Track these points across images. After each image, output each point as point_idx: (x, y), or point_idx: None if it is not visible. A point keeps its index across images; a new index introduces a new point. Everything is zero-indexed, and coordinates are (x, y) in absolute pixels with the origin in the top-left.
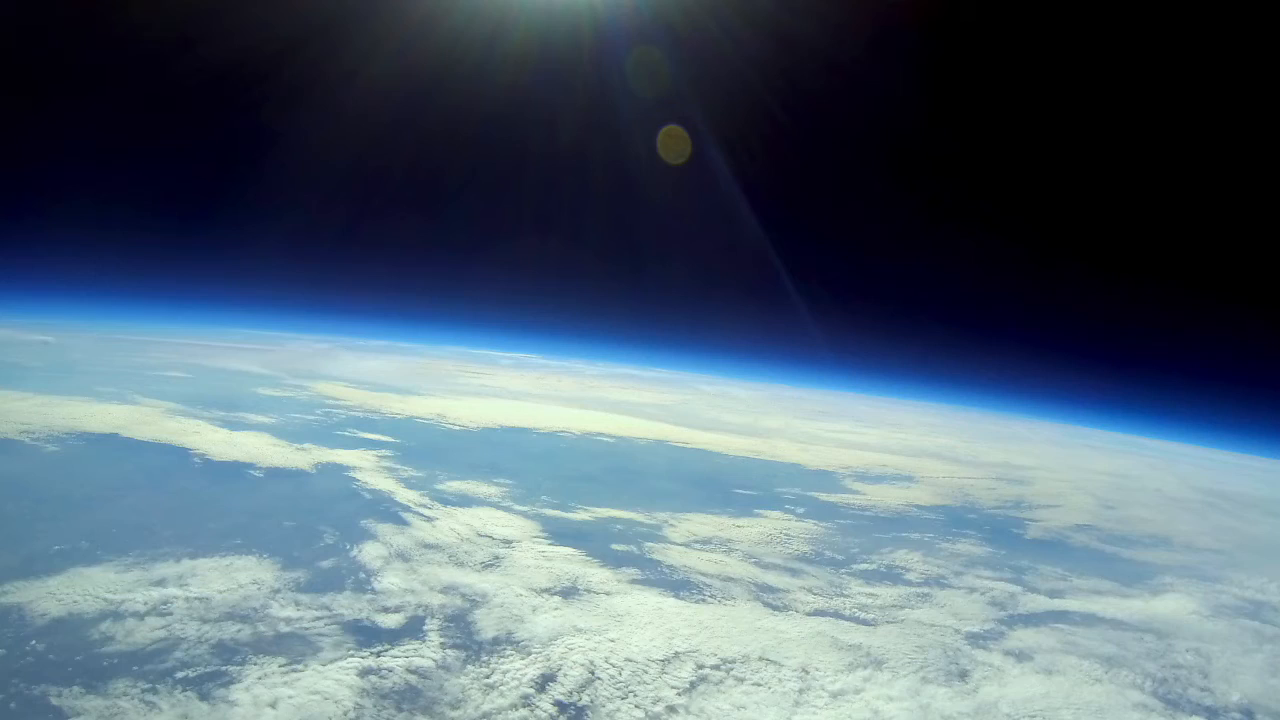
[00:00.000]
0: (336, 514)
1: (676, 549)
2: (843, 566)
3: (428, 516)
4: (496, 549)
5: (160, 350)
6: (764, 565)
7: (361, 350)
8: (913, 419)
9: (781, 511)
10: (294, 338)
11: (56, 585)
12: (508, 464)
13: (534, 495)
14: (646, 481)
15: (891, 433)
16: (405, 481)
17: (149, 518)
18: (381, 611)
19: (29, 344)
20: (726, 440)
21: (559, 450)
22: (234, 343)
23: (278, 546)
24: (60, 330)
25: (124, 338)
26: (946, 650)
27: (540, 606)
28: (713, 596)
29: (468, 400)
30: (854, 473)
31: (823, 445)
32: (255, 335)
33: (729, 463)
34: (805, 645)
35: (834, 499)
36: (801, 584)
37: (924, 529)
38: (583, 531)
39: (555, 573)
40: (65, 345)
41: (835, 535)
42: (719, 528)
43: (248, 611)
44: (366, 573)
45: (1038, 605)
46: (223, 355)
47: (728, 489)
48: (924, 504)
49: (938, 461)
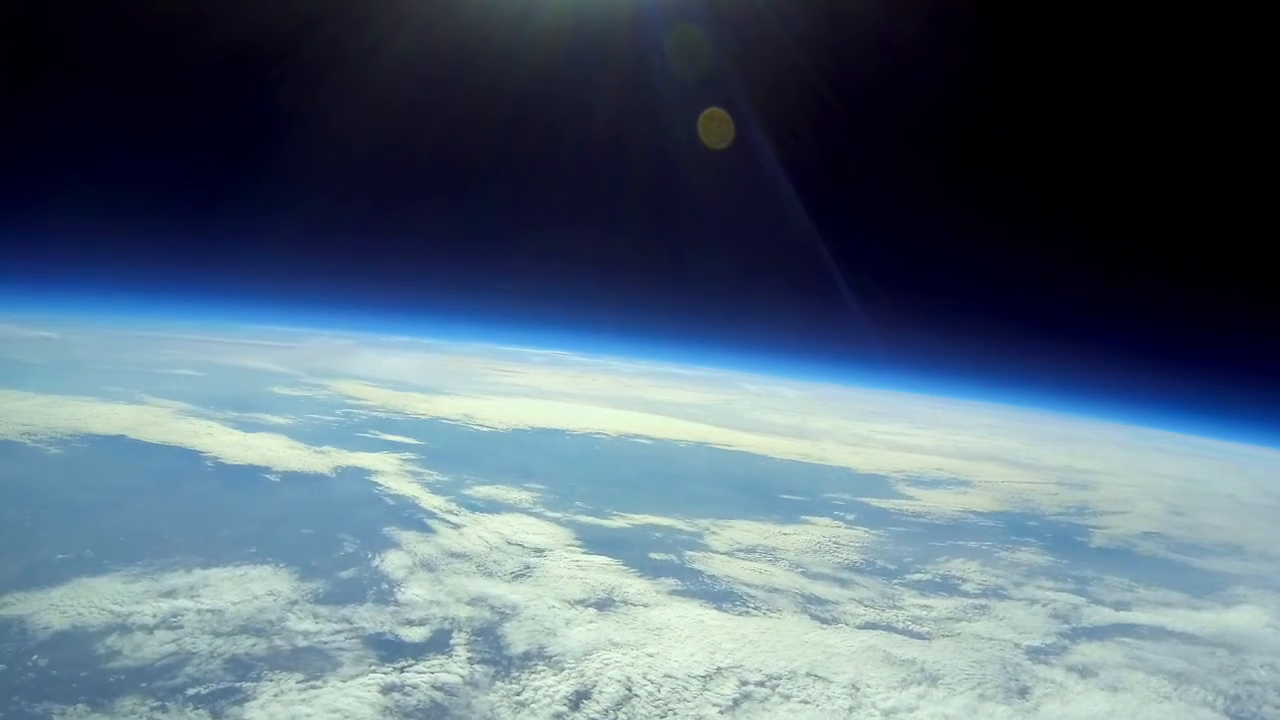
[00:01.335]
0: (357, 521)
1: (719, 558)
2: (895, 577)
3: (454, 523)
4: (527, 558)
5: (170, 347)
6: (812, 575)
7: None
8: (970, 420)
9: (830, 518)
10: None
11: (60, 596)
12: (539, 468)
13: (567, 501)
14: (687, 486)
15: (947, 434)
16: (430, 486)
17: (158, 525)
18: (405, 624)
19: (30, 340)
20: (772, 442)
21: (594, 453)
22: (248, 339)
23: (295, 555)
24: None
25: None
26: (1006, 666)
27: (574, 619)
28: (757, 608)
29: (497, 400)
30: (907, 477)
31: (874, 448)
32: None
33: (775, 466)
34: (855, 660)
35: (886, 505)
36: (851, 595)
37: (982, 537)
38: (619, 539)
39: (590, 583)
40: (69, 342)
41: (887, 543)
42: (764, 535)
43: (263, 624)
44: (389, 583)
45: (1103, 618)
46: (236, 352)
47: (773, 494)
48: (981, 510)
49: (996, 465)
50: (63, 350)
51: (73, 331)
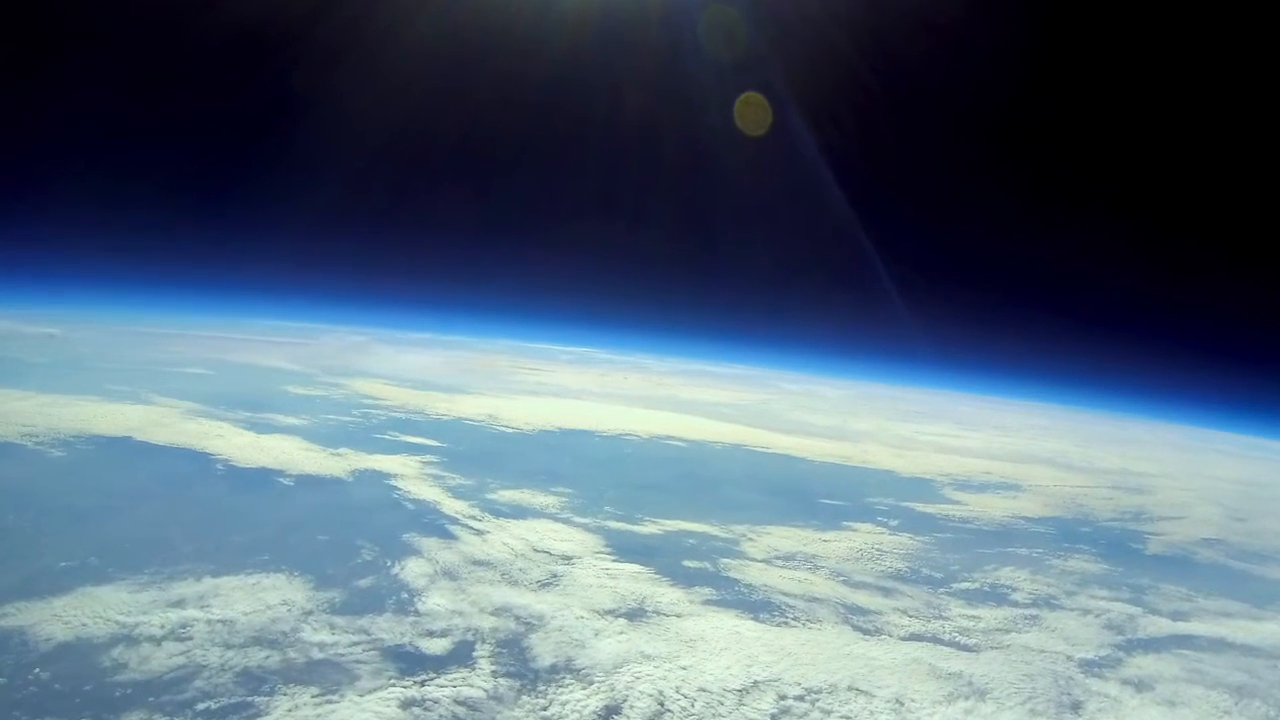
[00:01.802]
0: (376, 527)
1: (756, 566)
2: (941, 585)
3: (477, 529)
4: (554, 566)
5: (178, 344)
6: (853, 584)
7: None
8: (1019, 421)
9: (873, 524)
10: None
11: (63, 606)
12: (567, 471)
13: (596, 506)
14: (722, 490)
15: (996, 436)
16: (452, 490)
17: (166, 531)
18: (426, 636)
19: (32, 337)
20: (812, 444)
21: (624, 455)
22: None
23: (310, 563)
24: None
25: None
26: (1057, 679)
27: (603, 630)
28: (796, 619)
29: (522, 400)
30: (954, 481)
31: (919, 450)
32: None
33: (814, 470)
34: (899, 673)
35: (931, 510)
36: (895, 605)
37: (1032, 543)
38: (651, 546)
39: (620, 592)
40: (72, 338)
41: (933, 550)
42: (803, 542)
43: (276, 636)
44: (409, 592)
45: (1159, 628)
46: (248, 349)
47: (813, 499)
48: (1032, 515)
49: (1047, 468)
50: (66, 347)
51: (76, 328)
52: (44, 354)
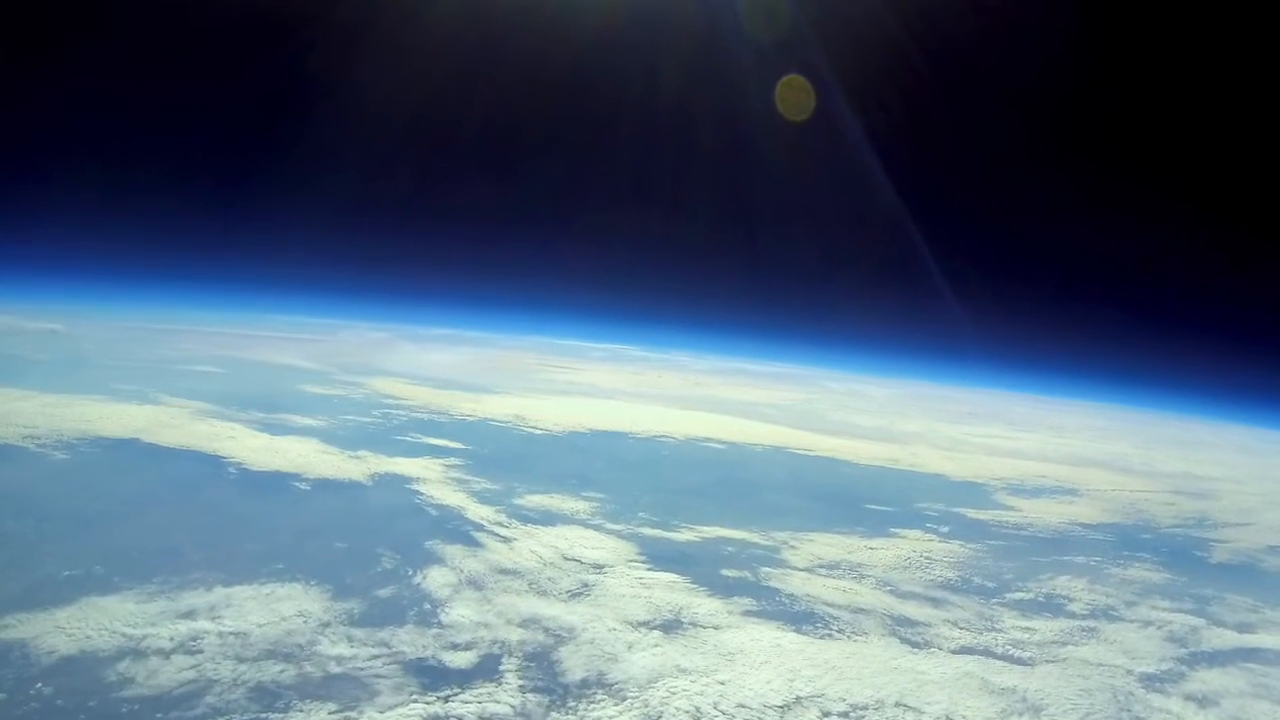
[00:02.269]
0: (397, 534)
1: (798, 575)
2: (994, 596)
3: (504, 536)
4: (585, 575)
5: (188, 340)
6: (901, 594)
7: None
8: (1076, 421)
9: (922, 530)
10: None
11: (66, 618)
12: (599, 475)
13: (630, 511)
14: (763, 495)
15: (1051, 438)
16: (478, 495)
17: (175, 538)
18: (450, 649)
19: (33, 333)
20: (857, 447)
21: (659, 458)
22: (275, 331)
23: (327, 572)
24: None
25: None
26: (1116, 694)
27: (637, 643)
28: (841, 631)
29: (551, 399)
30: (1007, 485)
31: (970, 452)
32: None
33: (860, 473)
34: (950, 688)
35: (984, 516)
36: (945, 616)
37: (1090, 551)
38: (687, 554)
39: (655, 603)
40: (76, 334)
41: (985, 559)
42: (848, 550)
43: (292, 649)
44: (432, 603)
45: (1224, 641)
46: (262, 346)
47: (859, 504)
48: (1090, 522)
49: (1106, 472)
50: (69, 344)
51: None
52: (46, 351)
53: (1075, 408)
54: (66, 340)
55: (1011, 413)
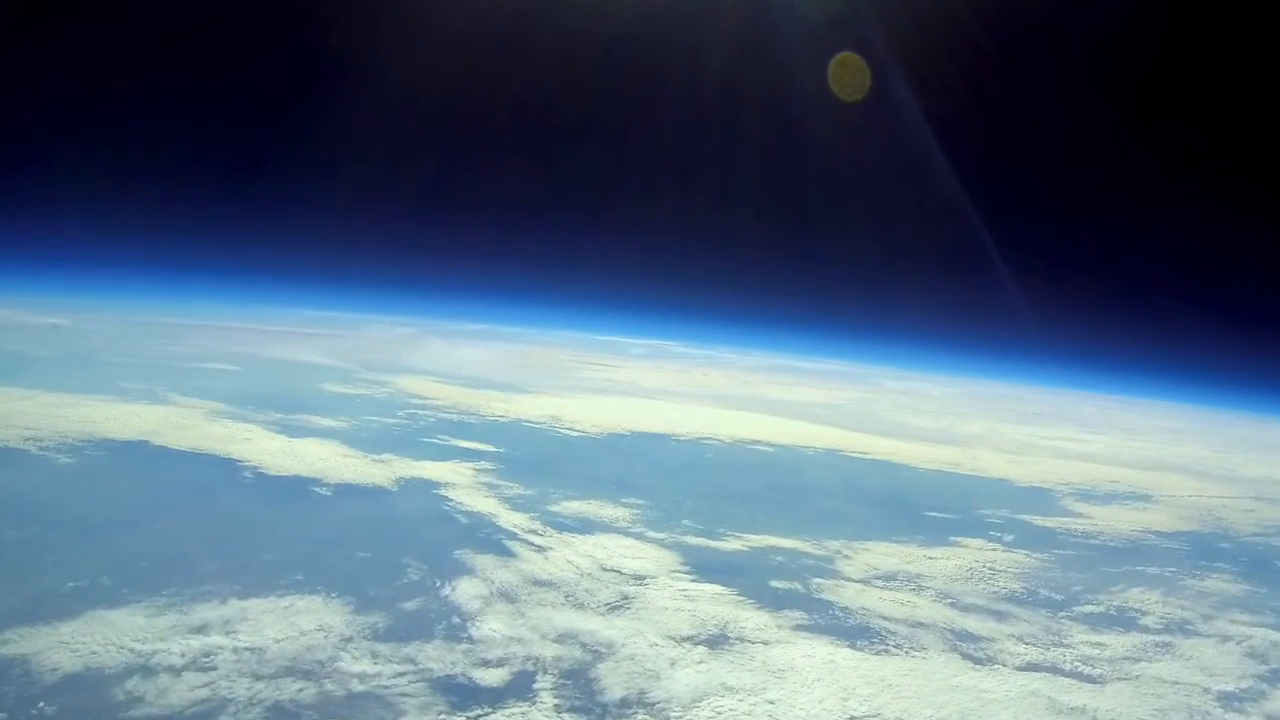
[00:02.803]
0: (424, 542)
1: (852, 586)
2: (1062, 609)
3: (539, 546)
4: (625, 587)
5: (201, 336)
6: (962, 607)
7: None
8: (1150, 423)
9: (985, 539)
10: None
11: (71, 632)
12: (640, 479)
13: (673, 519)
14: (815, 501)
15: (1123, 440)
16: (510, 501)
17: (187, 547)
18: (480, 665)
19: (36, 328)
20: (915, 449)
21: (704, 462)
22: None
23: (350, 583)
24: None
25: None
26: (1193, 714)
27: (680, 659)
28: (898, 646)
29: (589, 399)
30: (1076, 490)
31: (1037, 456)
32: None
33: (918, 478)
34: (1015, 708)
35: (1051, 523)
36: (1010, 631)
37: (1164, 561)
38: (734, 565)
39: (699, 617)
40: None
41: (1052, 569)
42: (906, 559)
43: (312, 665)
44: (461, 616)
45: None
46: (280, 342)
47: (917, 511)
48: (1164, 530)
49: (1182, 476)
50: (74, 340)
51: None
52: (49, 347)
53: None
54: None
55: (1080, 413)
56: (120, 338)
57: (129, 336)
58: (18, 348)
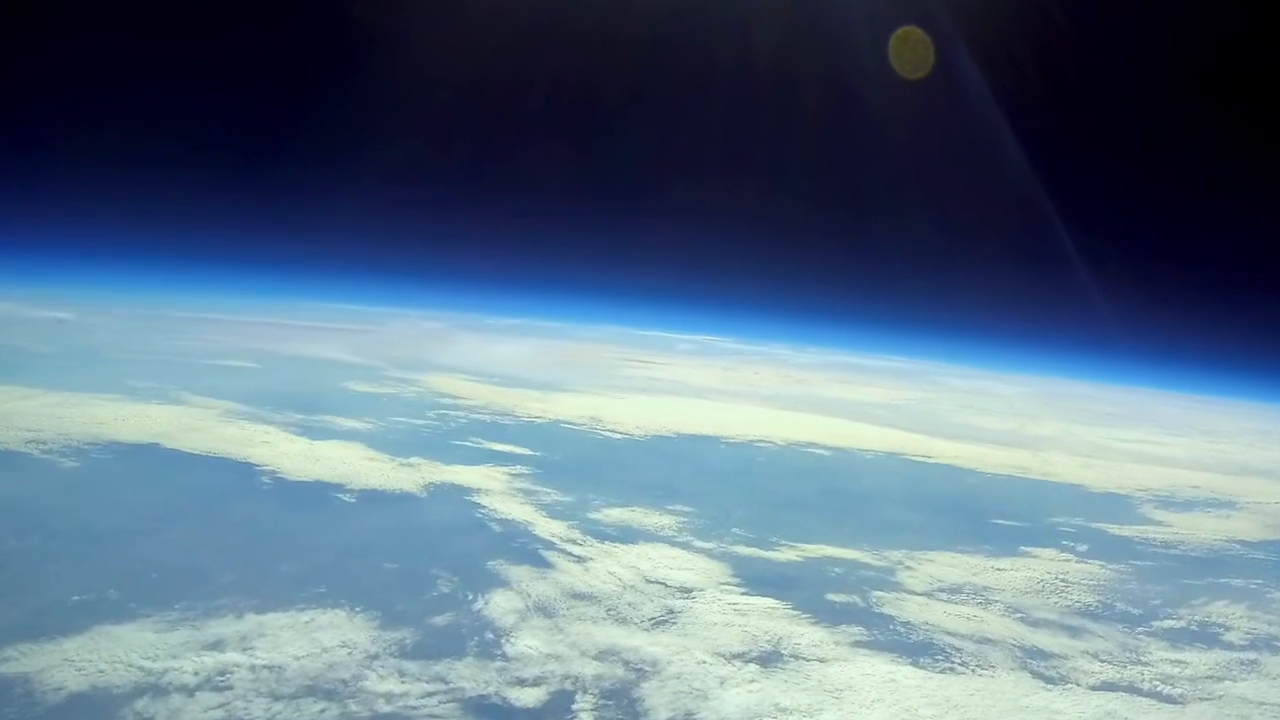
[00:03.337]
0: (454, 552)
1: (915, 600)
2: (1140, 624)
3: (578, 556)
4: (671, 600)
5: (216, 330)
6: (1033, 622)
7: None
8: (1235, 424)
9: (1057, 549)
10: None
11: (75, 649)
12: (686, 485)
13: (722, 527)
14: (874, 508)
15: (1206, 443)
16: (548, 509)
17: (201, 557)
18: (515, 685)
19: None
20: (983, 452)
21: (756, 466)
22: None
23: (375, 597)
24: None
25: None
26: None
27: (730, 678)
28: (964, 664)
29: (632, 398)
30: (1155, 497)
31: (1113, 459)
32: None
33: (986, 483)
34: None
35: (1128, 532)
36: (1084, 647)
37: (1250, 573)
38: (788, 576)
39: (751, 632)
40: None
41: (1130, 581)
42: (972, 571)
43: (334, 684)
44: (495, 632)
45: None
46: (300, 337)
47: (984, 519)
48: (1250, 539)
49: (1269, 481)
50: (79, 335)
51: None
52: (53, 343)
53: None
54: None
55: (1160, 413)
56: (129, 332)
57: (138, 331)
58: (19, 343)
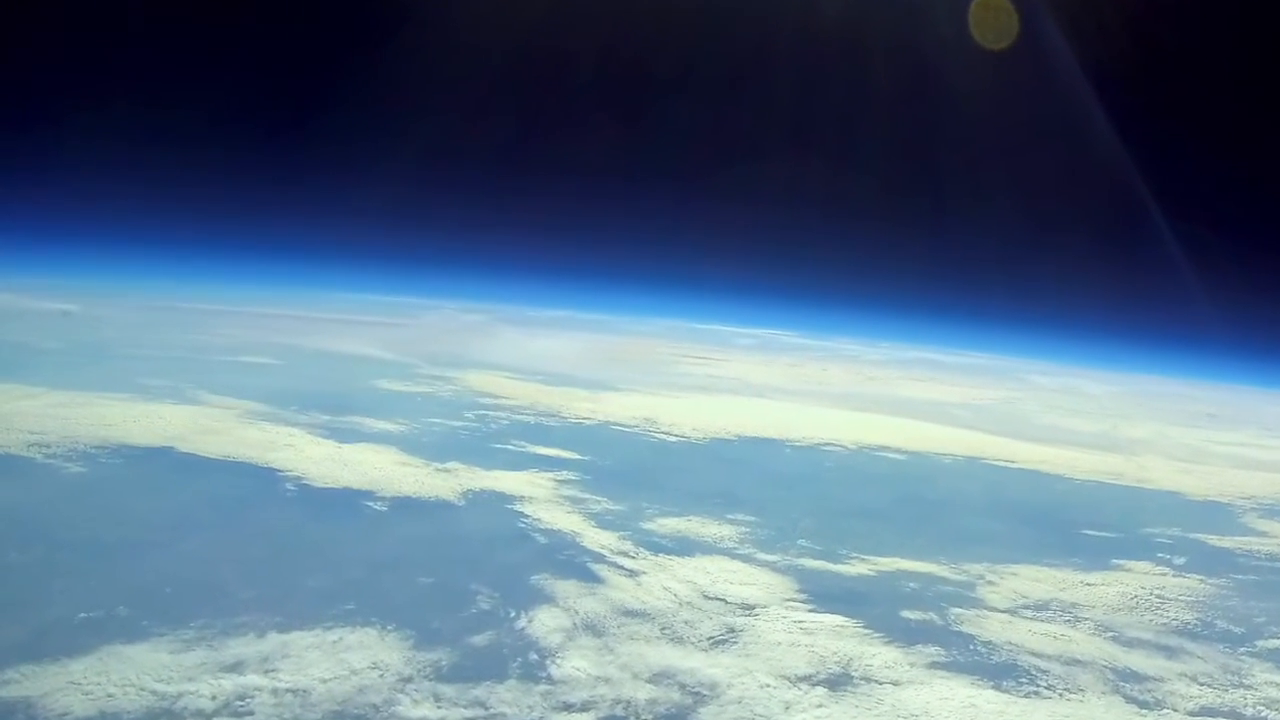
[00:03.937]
0: (495, 566)
1: (997, 617)
2: (1242, 644)
3: (630, 570)
4: (732, 617)
5: (235, 324)
6: (1126, 642)
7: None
8: None
9: (1152, 562)
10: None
11: (83, 671)
12: (748, 492)
13: (787, 538)
14: (953, 518)
15: None
16: (597, 518)
17: (219, 571)
18: (562, 710)
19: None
20: (1071, 457)
21: (823, 472)
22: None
23: (409, 614)
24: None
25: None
26: None
27: (796, 702)
28: (1050, 688)
29: (689, 398)
30: (1259, 505)
31: (1213, 464)
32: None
33: (1074, 490)
34: None
35: (1230, 543)
36: (1181, 669)
37: None
38: (858, 592)
39: (818, 653)
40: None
41: (1232, 597)
42: (1060, 586)
43: (364, 709)
44: (540, 653)
45: None
46: (327, 331)
47: (1073, 529)
48: None
49: None
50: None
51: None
52: (57, 337)
53: None
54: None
55: (1265, 414)
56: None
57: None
58: (22, 338)
